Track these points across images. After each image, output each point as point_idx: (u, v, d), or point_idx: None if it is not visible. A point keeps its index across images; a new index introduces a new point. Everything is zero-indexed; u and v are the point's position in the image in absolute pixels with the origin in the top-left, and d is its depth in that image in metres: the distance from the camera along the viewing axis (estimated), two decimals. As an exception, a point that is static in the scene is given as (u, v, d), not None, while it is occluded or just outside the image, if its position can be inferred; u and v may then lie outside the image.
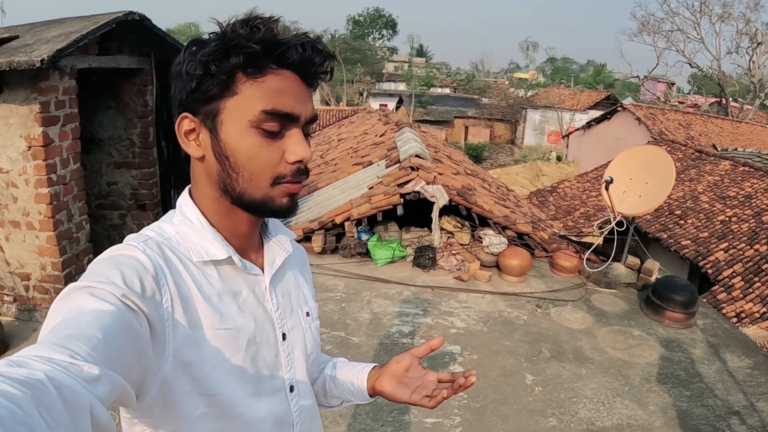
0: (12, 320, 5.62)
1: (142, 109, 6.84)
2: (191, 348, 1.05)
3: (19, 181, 5.19)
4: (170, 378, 1.02)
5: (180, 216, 1.18)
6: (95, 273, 0.96)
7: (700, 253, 12.38)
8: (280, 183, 1.09)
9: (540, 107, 42.50)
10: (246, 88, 1.04)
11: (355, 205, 6.34)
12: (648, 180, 5.47)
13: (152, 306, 0.97)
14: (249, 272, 1.21)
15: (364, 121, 17.46)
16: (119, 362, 0.84)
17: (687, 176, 16.65)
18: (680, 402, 3.98)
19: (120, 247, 1.05)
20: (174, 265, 1.08)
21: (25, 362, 0.71)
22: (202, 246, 1.13)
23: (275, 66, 1.05)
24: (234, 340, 1.12)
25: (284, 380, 1.27)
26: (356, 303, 5.21)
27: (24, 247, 5.42)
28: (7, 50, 5.07)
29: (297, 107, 1.07)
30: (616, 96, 43.01)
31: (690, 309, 5.12)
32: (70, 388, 0.69)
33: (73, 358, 0.74)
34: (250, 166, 1.07)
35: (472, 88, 51.78)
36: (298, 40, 1.06)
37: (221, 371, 1.09)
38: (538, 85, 55.65)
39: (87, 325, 0.82)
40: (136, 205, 7.20)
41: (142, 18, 5.98)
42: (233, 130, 1.06)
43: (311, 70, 1.09)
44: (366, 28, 68.04)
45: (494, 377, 4.20)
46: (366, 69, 49.87)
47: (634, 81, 51.42)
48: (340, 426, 3.57)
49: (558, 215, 17.35)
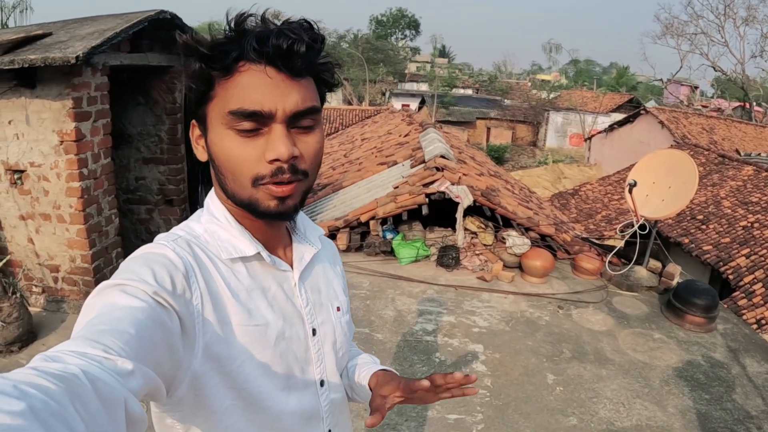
0: (40, 311, 5.71)
1: (171, 106, 6.91)
2: (221, 344, 1.06)
3: (51, 174, 5.27)
4: (200, 372, 1.04)
5: (208, 215, 1.20)
6: (127, 271, 0.97)
7: (721, 259, 12.28)
8: (261, 184, 1.07)
9: (562, 109, 42.25)
10: (220, 90, 1.05)
11: (380, 204, 6.39)
12: (671, 184, 5.48)
13: (183, 303, 0.99)
14: (278, 268, 1.22)
15: (388, 121, 17.48)
16: (151, 357, 0.85)
17: (709, 181, 16.50)
18: (699, 405, 4.00)
19: (151, 246, 1.07)
20: (203, 263, 1.10)
21: (60, 357, 0.72)
22: (230, 243, 1.15)
23: (244, 62, 1.03)
24: (263, 336, 1.13)
25: (314, 375, 1.28)
26: (380, 300, 5.26)
27: (54, 240, 5.50)
28: (41, 47, 5.15)
29: (268, 103, 1.02)
30: (639, 99, 42.72)
31: (710, 313, 5.13)
32: (104, 381, 0.70)
33: (106, 353, 0.76)
34: (229, 166, 1.07)
35: (495, 90, 51.55)
36: (260, 32, 1.02)
37: (250, 366, 1.10)
38: (561, 87, 55.31)
39: (120, 320, 0.84)
40: (163, 201, 7.28)
41: (173, 17, 6.05)
42: (214, 133, 1.07)
43: (282, 59, 1.02)
44: (389, 28, 67.84)
45: (516, 376, 4.24)
46: (388, 69, 49.78)
47: (657, 84, 50.92)
48: (364, 419, 3.62)
49: (579, 218, 17.25)
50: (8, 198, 5.45)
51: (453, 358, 4.48)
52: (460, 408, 3.79)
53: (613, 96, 44.25)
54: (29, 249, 5.60)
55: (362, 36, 54.10)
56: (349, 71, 44.76)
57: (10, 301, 4.99)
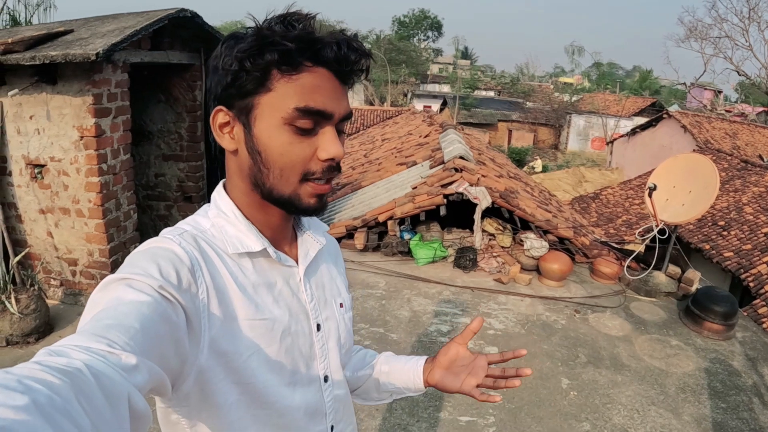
0: (58, 303, 5.77)
1: (191, 103, 6.96)
2: (227, 338, 1.06)
3: (71, 169, 5.32)
4: (206, 367, 1.04)
5: (215, 209, 1.19)
6: (132, 265, 0.97)
7: (742, 266, 12.14)
8: (309, 180, 1.10)
9: (584, 112, 41.97)
10: (280, 85, 1.04)
11: (398, 204, 6.39)
12: (691, 188, 5.43)
13: (188, 297, 0.99)
14: (283, 264, 1.22)
15: (408, 122, 17.48)
16: (156, 352, 0.85)
17: (731, 186, 16.32)
18: (715, 414, 3.96)
19: (156, 240, 1.07)
20: (210, 257, 1.10)
21: (64, 351, 0.72)
22: (237, 238, 1.15)
23: (310, 63, 1.05)
24: (269, 331, 1.14)
25: (319, 371, 1.28)
26: (396, 300, 5.26)
27: (72, 234, 5.55)
28: (62, 43, 5.21)
29: (330, 105, 1.07)
30: (661, 103, 42.41)
31: (729, 321, 5.07)
32: (108, 376, 0.70)
33: (111, 348, 0.76)
34: (280, 161, 1.08)
35: (517, 92, 51.39)
36: (333, 38, 1.06)
37: (256, 361, 1.11)
38: (583, 89, 54.93)
39: (125, 315, 0.84)
40: (182, 197, 7.33)
41: (194, 15, 6.09)
42: (266, 126, 1.07)
43: (346, 68, 1.08)
44: (411, 29, 67.80)
45: (530, 379, 4.21)
46: (410, 70, 49.79)
47: (680, 88, 50.45)
48: (375, 420, 3.62)
49: (600, 222, 17.14)
50: (28, 192, 5.51)
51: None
52: (472, 410, 3.78)
53: (636, 99, 44.01)
54: (48, 242, 5.66)
55: (385, 37, 54.09)
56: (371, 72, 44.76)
57: (28, 293, 5.05)
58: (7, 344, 4.91)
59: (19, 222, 5.67)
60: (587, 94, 49.64)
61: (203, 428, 1.13)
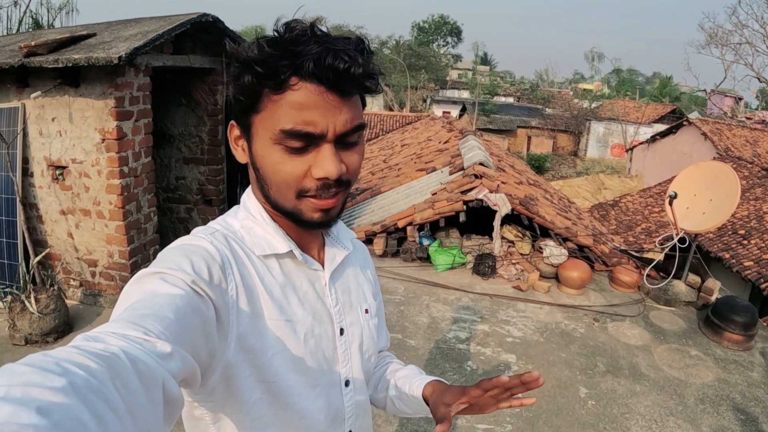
0: (77, 304, 5.81)
1: (212, 107, 6.99)
2: (253, 336, 1.08)
3: (92, 171, 5.36)
4: (232, 363, 1.06)
5: (244, 211, 1.23)
6: (166, 260, 1.00)
7: (762, 275, 12.02)
8: (305, 197, 1.09)
9: (604, 119, 41.73)
10: (269, 104, 1.03)
11: (418, 210, 6.40)
12: (712, 197, 5.40)
13: (219, 293, 1.01)
14: (310, 267, 1.24)
15: (428, 128, 17.49)
16: (189, 342, 0.87)
17: (752, 195, 16.19)
18: (734, 425, 3.92)
19: (189, 238, 1.10)
20: (239, 256, 1.12)
21: (102, 337, 0.74)
22: (265, 240, 1.18)
23: (295, 79, 1.00)
24: (293, 332, 1.16)
25: (340, 375, 1.30)
26: (415, 306, 5.26)
27: (93, 235, 5.59)
28: (85, 47, 5.25)
29: (321, 123, 1.02)
30: (682, 110, 42.10)
31: (750, 331, 5.03)
32: (144, 362, 0.72)
33: (146, 335, 0.78)
34: (275, 179, 1.09)
35: (536, 98, 51.19)
36: (314, 48, 0.98)
37: (279, 360, 1.13)
38: (603, 96, 54.67)
39: (160, 306, 0.86)
40: (202, 200, 7.36)
41: (215, 20, 6.12)
42: (260, 145, 1.08)
43: (335, 79, 1.00)
44: (431, 35, 67.79)
45: (548, 388, 4.20)
46: (430, 75, 49.69)
47: (700, 95, 50.14)
48: (392, 425, 3.62)
49: (619, 230, 17.05)
50: (50, 193, 5.56)
51: (485, 367, 4.45)
52: (489, 418, 3.77)
53: (656, 106, 43.67)
54: (68, 243, 5.70)
55: (404, 42, 54.09)
56: (390, 77, 44.85)
57: (47, 292, 5.09)
58: (26, 343, 4.95)
59: (40, 222, 5.72)
60: (607, 101, 49.35)
61: (226, 424, 1.16)
